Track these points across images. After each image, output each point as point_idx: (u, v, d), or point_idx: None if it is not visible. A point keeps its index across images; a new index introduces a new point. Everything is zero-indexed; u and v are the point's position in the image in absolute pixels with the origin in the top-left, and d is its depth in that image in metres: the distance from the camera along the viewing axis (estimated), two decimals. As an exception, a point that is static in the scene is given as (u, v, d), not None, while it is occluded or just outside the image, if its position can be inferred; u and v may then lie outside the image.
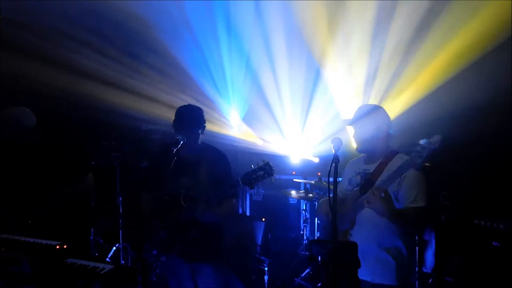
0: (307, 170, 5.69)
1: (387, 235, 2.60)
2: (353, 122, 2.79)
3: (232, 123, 6.12)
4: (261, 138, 6.04)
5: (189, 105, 3.22)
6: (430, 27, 4.38)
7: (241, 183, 2.83)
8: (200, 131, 3.09)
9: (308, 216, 5.30)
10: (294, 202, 5.82)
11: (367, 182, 2.62)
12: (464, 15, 4.16)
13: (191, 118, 3.08)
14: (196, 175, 3.02)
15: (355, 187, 2.72)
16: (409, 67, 4.69)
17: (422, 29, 4.43)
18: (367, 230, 2.61)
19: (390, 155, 2.69)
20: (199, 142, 3.12)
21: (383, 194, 2.42)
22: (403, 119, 4.35)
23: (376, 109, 2.80)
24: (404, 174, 2.49)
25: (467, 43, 4.18)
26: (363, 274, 2.52)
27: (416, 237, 3.39)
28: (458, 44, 4.27)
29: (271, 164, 2.82)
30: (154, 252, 3.04)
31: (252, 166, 2.83)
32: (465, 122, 4.15)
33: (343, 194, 2.78)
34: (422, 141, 2.32)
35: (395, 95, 4.80)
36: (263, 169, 2.80)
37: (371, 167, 2.72)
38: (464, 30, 4.20)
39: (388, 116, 2.79)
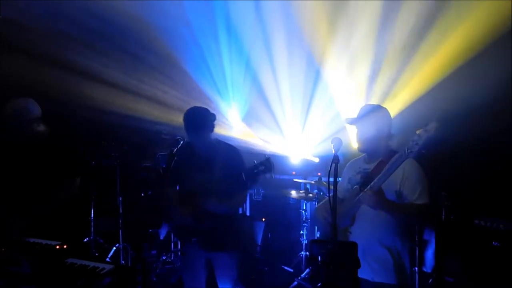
0: (307, 170, 5.69)
1: (386, 234, 2.62)
2: (356, 121, 2.81)
3: (232, 123, 6.12)
4: (261, 138, 6.04)
5: (194, 107, 3.28)
6: (429, 27, 4.38)
7: (244, 178, 2.91)
8: (206, 132, 3.19)
9: (308, 216, 5.30)
10: (294, 202, 5.81)
11: (367, 180, 2.64)
12: (462, 14, 4.16)
13: (195, 120, 3.18)
14: (210, 170, 3.14)
15: (354, 186, 2.74)
16: (409, 67, 4.69)
17: (421, 29, 4.43)
18: (367, 228, 2.63)
19: (390, 154, 2.70)
20: (212, 139, 3.24)
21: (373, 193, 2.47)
22: (403, 118, 4.34)
23: (378, 109, 2.81)
24: (406, 171, 2.56)
25: (466, 42, 4.18)
26: (363, 272, 2.53)
27: (416, 237, 3.40)
28: (458, 44, 4.26)
29: (271, 160, 2.89)
30: (154, 252, 3.09)
31: (255, 161, 2.91)
32: (465, 121, 4.14)
33: (343, 193, 2.81)
34: (418, 131, 2.37)
35: (395, 94, 4.79)
36: (264, 164, 2.88)
37: (371, 166, 2.75)
38: (462, 29, 4.19)
39: (390, 116, 2.82)
